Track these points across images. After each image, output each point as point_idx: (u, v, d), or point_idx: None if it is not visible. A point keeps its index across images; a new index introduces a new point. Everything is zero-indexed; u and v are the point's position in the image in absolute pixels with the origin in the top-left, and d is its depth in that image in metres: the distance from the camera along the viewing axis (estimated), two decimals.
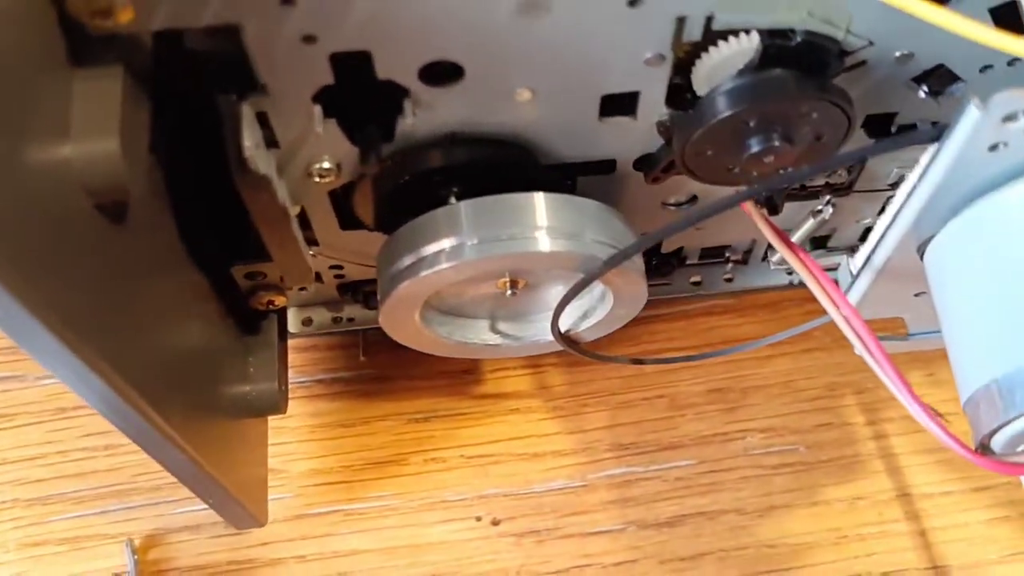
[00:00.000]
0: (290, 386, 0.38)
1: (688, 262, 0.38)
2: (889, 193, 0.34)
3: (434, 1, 0.23)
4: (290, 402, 0.38)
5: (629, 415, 0.42)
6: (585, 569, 0.39)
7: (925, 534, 0.40)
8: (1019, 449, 0.26)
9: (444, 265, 0.29)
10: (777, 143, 0.27)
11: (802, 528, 0.40)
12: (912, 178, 0.27)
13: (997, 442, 0.26)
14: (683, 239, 0.36)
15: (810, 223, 0.34)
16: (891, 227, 0.28)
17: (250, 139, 0.26)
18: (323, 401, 0.42)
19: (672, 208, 0.33)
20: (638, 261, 0.31)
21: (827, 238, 0.37)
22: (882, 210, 0.35)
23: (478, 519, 0.40)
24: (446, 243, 0.29)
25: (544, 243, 0.29)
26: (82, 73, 0.23)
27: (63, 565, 0.40)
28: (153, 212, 0.28)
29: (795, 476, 0.41)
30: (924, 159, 0.26)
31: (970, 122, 0.23)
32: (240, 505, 0.35)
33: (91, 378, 0.23)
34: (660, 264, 0.37)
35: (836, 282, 0.31)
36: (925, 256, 0.28)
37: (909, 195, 0.27)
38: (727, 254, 0.38)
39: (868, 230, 0.37)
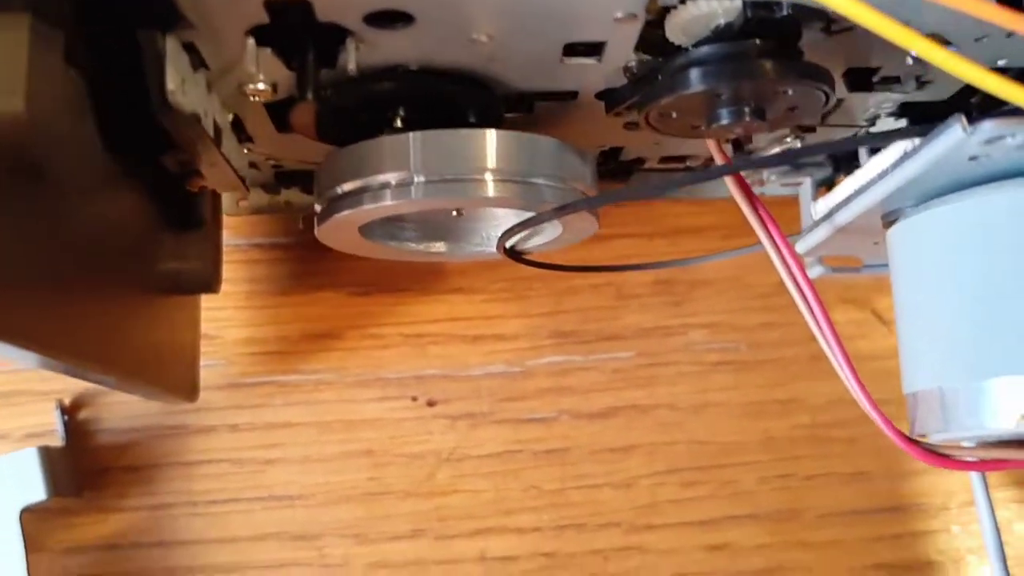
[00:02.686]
0: (225, 248, 0.37)
1: (647, 166, 0.36)
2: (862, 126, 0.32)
3: None
4: (226, 265, 0.36)
5: (573, 302, 0.41)
6: (517, 455, 0.40)
7: (853, 441, 0.40)
8: (952, 446, 0.26)
9: (388, 201, 0.27)
10: (748, 118, 0.25)
11: (734, 427, 0.40)
12: (888, 158, 0.25)
13: (934, 439, 0.26)
14: (645, 149, 0.34)
15: (776, 150, 0.32)
16: (858, 197, 0.27)
17: (174, 79, 0.23)
18: (260, 267, 0.41)
19: (633, 127, 0.31)
20: None
21: None
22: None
23: (414, 399, 0.40)
24: (392, 177, 0.27)
25: (491, 188, 0.27)
26: None
27: None
28: (73, 119, 0.26)
29: (733, 374, 0.41)
30: (904, 145, 0.25)
31: (953, 139, 0.22)
32: (169, 392, 0.35)
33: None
34: (618, 171, 0.36)
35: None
36: (889, 235, 0.27)
37: (882, 175, 0.25)
38: (687, 162, 0.36)
39: None
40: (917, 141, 0.24)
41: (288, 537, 0.39)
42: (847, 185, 0.28)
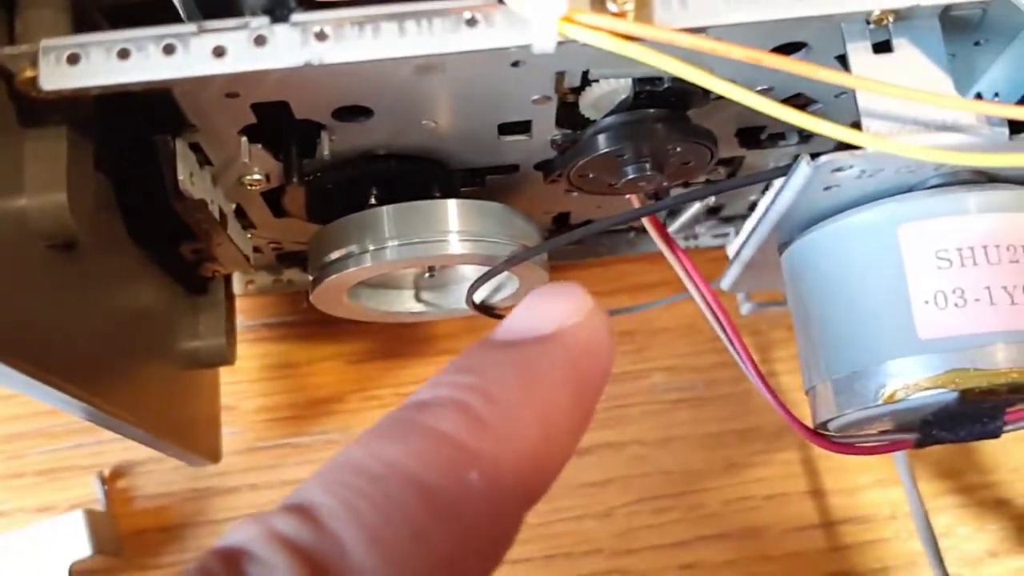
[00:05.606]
0: (239, 329, 0.42)
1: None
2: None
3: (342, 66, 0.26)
4: (240, 344, 0.42)
5: None
6: None
7: (807, 462, 0.45)
8: (848, 432, 0.31)
9: (368, 264, 0.33)
10: (649, 172, 0.30)
11: (698, 456, 0.45)
12: (767, 199, 0.31)
13: (831, 427, 0.31)
14: (590, 212, 0.40)
15: (697, 207, 0.38)
16: (752, 234, 0.32)
17: (184, 172, 0.29)
18: (270, 343, 0.47)
19: (575, 193, 0.37)
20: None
21: (720, 208, 0.41)
22: (766, 188, 0.39)
23: None
24: (370, 244, 0.33)
25: (455, 247, 0.33)
26: (32, 134, 0.26)
27: (41, 495, 0.44)
28: (101, 219, 0.31)
29: (693, 410, 0.46)
30: (778, 183, 0.30)
31: (803, 175, 0.27)
32: (194, 453, 0.40)
33: (46, 391, 0.27)
34: None
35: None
36: (781, 261, 0.32)
37: (764, 213, 0.31)
38: (630, 223, 0.42)
39: (755, 203, 0.41)
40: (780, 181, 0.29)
41: None
42: (747, 226, 0.33)
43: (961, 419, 0.28)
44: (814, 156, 0.27)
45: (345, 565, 0.18)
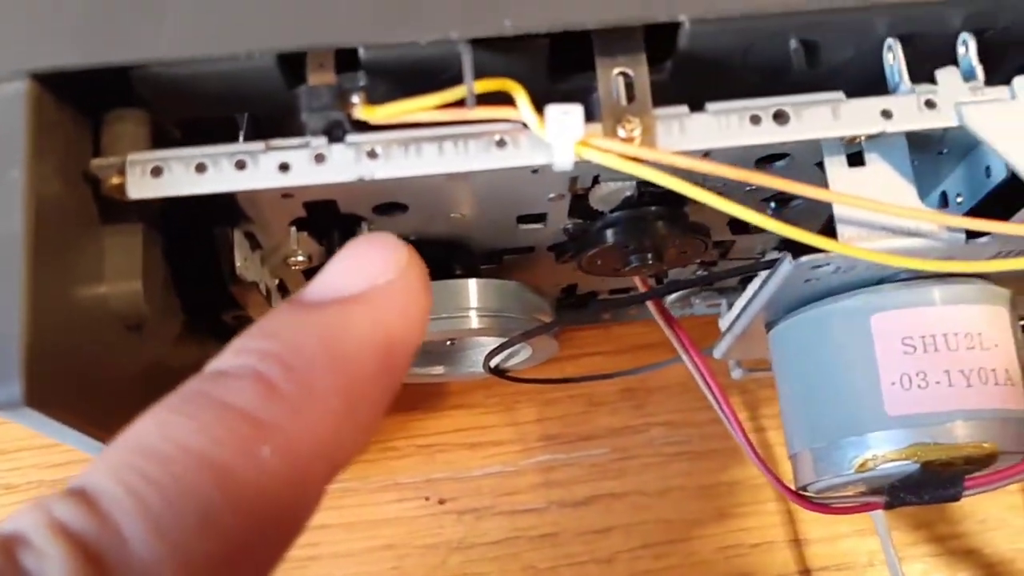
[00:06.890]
0: None
1: (600, 297, 0.46)
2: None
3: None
4: None
5: (554, 410, 0.50)
6: (516, 541, 0.48)
7: (790, 512, 0.49)
8: (828, 495, 0.35)
9: None
10: (651, 261, 0.34)
11: (692, 506, 0.49)
12: (754, 287, 0.35)
13: (810, 489, 0.35)
14: (595, 284, 0.44)
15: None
16: (741, 314, 0.36)
17: (240, 258, 0.33)
18: None
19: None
20: None
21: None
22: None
23: (426, 499, 0.49)
24: None
25: (475, 322, 0.37)
26: (110, 229, 0.30)
27: None
28: (163, 298, 0.35)
29: (689, 463, 0.50)
30: (764, 275, 0.34)
31: (785, 271, 0.31)
32: None
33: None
34: (577, 303, 0.45)
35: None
36: (768, 338, 0.36)
37: (752, 298, 0.35)
38: (631, 292, 0.46)
39: (747, 278, 0.45)
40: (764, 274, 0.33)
41: None
42: (737, 304, 0.37)
43: (925, 485, 0.32)
44: (794, 255, 0.31)
45: (125, 557, 0.17)
